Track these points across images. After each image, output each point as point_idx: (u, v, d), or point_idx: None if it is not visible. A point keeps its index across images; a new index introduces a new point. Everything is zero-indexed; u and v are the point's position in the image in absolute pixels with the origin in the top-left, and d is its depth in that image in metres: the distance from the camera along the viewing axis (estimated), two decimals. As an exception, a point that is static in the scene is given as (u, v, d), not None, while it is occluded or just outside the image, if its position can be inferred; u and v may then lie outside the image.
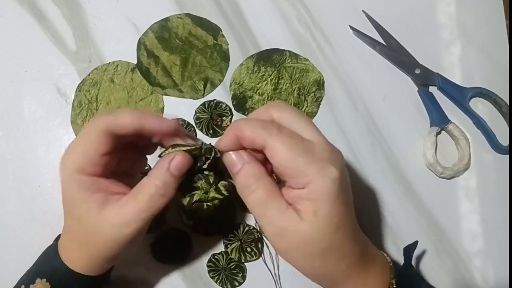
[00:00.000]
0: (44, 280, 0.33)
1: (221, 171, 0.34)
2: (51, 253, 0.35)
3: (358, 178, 0.46)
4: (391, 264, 0.33)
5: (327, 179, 0.27)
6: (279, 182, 0.31)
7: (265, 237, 0.44)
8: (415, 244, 0.37)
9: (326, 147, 0.29)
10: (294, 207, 0.29)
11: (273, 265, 0.43)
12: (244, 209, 0.44)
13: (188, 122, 0.46)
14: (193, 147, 0.31)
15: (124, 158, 0.34)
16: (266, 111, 0.31)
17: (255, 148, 0.29)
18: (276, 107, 0.30)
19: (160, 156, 0.32)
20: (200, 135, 0.46)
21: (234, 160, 0.30)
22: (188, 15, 0.48)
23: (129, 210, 0.30)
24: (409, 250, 0.37)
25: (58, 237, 0.37)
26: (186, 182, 0.32)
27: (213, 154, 0.31)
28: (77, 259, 0.33)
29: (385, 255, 0.34)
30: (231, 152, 0.31)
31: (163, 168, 0.30)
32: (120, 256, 0.33)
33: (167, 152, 0.31)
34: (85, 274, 0.34)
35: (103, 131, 0.30)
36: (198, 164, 0.32)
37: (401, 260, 0.37)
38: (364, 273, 0.31)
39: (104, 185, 0.31)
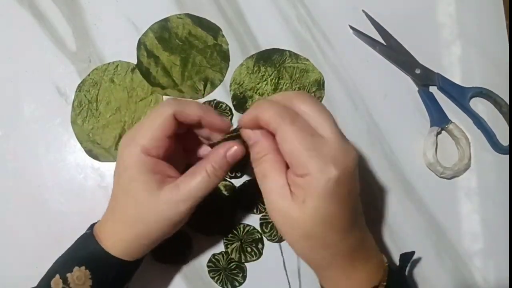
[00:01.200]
0: (83, 267, 0.34)
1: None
2: (88, 240, 0.36)
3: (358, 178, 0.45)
4: (386, 269, 0.34)
5: (324, 177, 0.28)
6: None
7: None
8: (412, 253, 0.38)
9: (336, 146, 0.30)
10: (291, 188, 0.30)
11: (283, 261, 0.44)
12: (245, 209, 0.44)
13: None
14: (235, 134, 0.35)
15: (176, 150, 0.36)
16: (289, 100, 0.32)
17: (269, 130, 0.31)
18: (299, 98, 0.31)
19: (211, 145, 0.36)
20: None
21: (250, 134, 0.32)
22: (188, 15, 0.48)
23: (187, 187, 0.33)
24: (405, 257, 0.38)
25: (91, 226, 0.37)
26: None
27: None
28: (119, 242, 0.34)
29: (385, 259, 0.35)
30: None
31: (220, 154, 0.34)
32: (165, 236, 0.35)
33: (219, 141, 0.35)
34: (124, 259, 0.35)
35: (171, 115, 0.33)
36: None
37: (396, 261, 0.37)
38: (350, 267, 0.32)
39: (163, 167, 0.34)
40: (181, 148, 0.38)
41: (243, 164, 0.44)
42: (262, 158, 0.31)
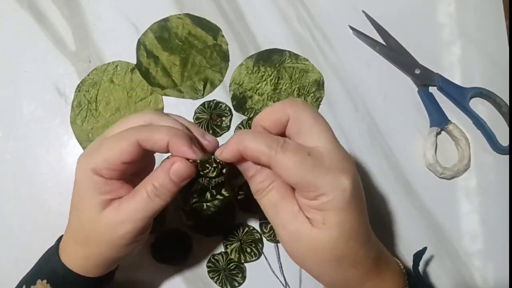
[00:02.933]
0: (45, 281, 0.33)
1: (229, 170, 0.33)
2: (52, 254, 0.35)
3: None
4: (404, 271, 0.33)
5: (338, 191, 0.27)
6: None
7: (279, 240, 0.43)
8: (423, 250, 0.37)
9: (337, 156, 0.28)
10: (305, 213, 0.29)
11: (279, 268, 0.44)
12: (244, 210, 0.44)
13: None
14: (200, 158, 0.30)
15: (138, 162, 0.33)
16: (283, 108, 0.30)
17: (260, 164, 0.29)
18: (294, 107, 0.30)
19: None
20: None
21: (249, 164, 0.30)
22: (188, 15, 0.48)
23: (125, 209, 0.30)
24: (418, 256, 0.37)
25: (60, 238, 0.37)
26: (189, 186, 0.32)
27: (219, 166, 0.31)
28: (76, 260, 0.33)
29: (398, 261, 0.34)
30: None
31: (163, 170, 0.30)
32: (119, 257, 0.33)
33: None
34: (84, 275, 0.34)
35: (135, 143, 0.29)
36: (206, 171, 0.31)
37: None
38: (378, 280, 0.31)
39: (114, 187, 0.31)
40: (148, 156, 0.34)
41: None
42: (268, 187, 0.29)
